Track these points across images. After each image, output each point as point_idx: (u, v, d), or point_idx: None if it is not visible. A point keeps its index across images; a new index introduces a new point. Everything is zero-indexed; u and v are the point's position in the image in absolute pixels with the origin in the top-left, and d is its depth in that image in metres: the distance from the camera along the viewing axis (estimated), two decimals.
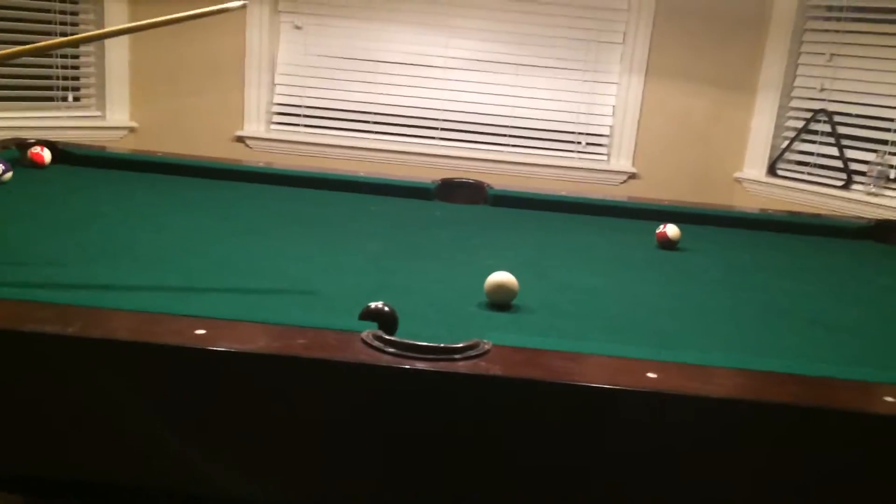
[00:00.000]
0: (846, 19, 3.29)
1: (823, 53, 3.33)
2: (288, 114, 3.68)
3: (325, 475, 1.05)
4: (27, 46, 1.74)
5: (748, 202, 3.44)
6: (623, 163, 3.63)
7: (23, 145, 2.19)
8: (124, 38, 3.46)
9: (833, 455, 1.01)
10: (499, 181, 2.36)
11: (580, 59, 3.56)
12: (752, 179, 3.52)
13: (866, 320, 1.48)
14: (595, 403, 1.01)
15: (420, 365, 1.00)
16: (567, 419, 1.02)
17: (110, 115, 3.50)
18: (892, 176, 3.15)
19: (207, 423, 1.04)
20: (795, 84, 3.44)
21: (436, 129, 3.66)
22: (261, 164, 2.42)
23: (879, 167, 3.15)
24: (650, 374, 1.04)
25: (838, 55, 3.29)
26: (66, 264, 1.37)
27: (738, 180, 3.58)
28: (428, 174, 2.35)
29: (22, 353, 1.02)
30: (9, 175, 1.90)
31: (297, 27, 3.55)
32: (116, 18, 3.42)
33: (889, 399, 1.02)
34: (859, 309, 1.56)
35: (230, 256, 1.53)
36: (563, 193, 2.34)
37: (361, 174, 2.35)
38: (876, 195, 3.16)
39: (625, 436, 1.02)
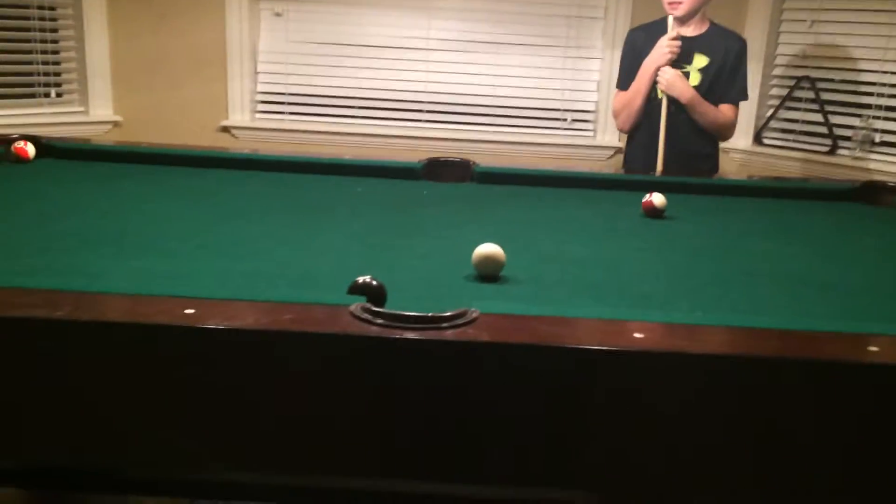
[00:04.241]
0: None
1: (804, 20, 3.34)
2: (272, 102, 3.67)
3: (319, 448, 1.06)
4: None
5: (736, 172, 3.45)
6: (609, 138, 3.64)
7: (6, 141, 2.18)
8: (104, 32, 3.44)
9: (821, 406, 1.02)
10: (486, 161, 2.36)
11: (562, 35, 3.56)
12: (739, 149, 3.54)
13: (851, 278, 1.50)
14: (583, 365, 1.02)
15: (408, 334, 1.01)
16: (556, 382, 1.03)
17: (93, 109, 3.49)
18: (876, 139, 3.17)
19: (199, 401, 1.05)
20: (778, 52, 3.46)
21: (421, 111, 3.66)
22: (246, 151, 2.41)
23: (864, 131, 3.16)
24: (637, 334, 1.05)
25: (819, 21, 3.30)
26: (53, 253, 1.37)
27: (725, 150, 3.58)
28: (414, 156, 2.35)
29: (9, 340, 1.03)
30: None
31: (277, 14, 3.54)
32: (95, 14, 3.41)
33: (873, 349, 1.04)
34: (845, 267, 1.57)
35: (218, 240, 1.53)
36: (549, 168, 2.34)
37: (347, 157, 2.35)
38: (861, 159, 3.18)
39: (614, 395, 1.03)
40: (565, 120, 3.66)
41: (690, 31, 2.63)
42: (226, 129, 3.63)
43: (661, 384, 1.02)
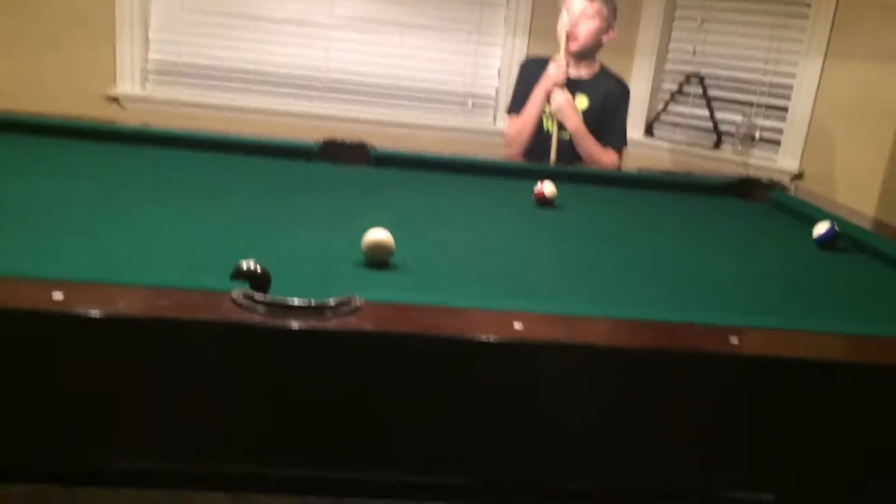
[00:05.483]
0: None
1: (695, 18, 3.47)
2: (165, 72, 3.52)
3: (199, 436, 1.04)
4: None
5: (626, 163, 3.56)
6: None
7: None
8: None
9: (687, 395, 1.09)
10: (386, 142, 2.34)
11: (465, 20, 3.57)
12: (630, 140, 3.65)
13: (722, 271, 1.58)
14: (465, 355, 1.04)
15: (291, 323, 1.00)
16: (437, 372, 1.04)
17: None
18: (756, 136, 3.35)
19: (74, 390, 1.01)
20: (670, 48, 3.58)
21: (320, 89, 3.59)
22: (135, 124, 2.31)
23: (745, 128, 3.33)
24: (517, 325, 1.07)
25: (709, 21, 3.44)
26: None
27: None
28: (312, 135, 2.31)
29: None
30: None
31: None
32: None
33: (734, 341, 1.10)
34: (717, 261, 1.66)
35: (95, 219, 1.47)
36: (446, 153, 2.36)
37: (241, 134, 2.29)
38: (742, 154, 3.35)
39: (496, 385, 1.06)
40: (466, 104, 3.68)
41: (579, 72, 2.68)
42: (113, 99, 3.45)
43: (542, 374, 1.06)
